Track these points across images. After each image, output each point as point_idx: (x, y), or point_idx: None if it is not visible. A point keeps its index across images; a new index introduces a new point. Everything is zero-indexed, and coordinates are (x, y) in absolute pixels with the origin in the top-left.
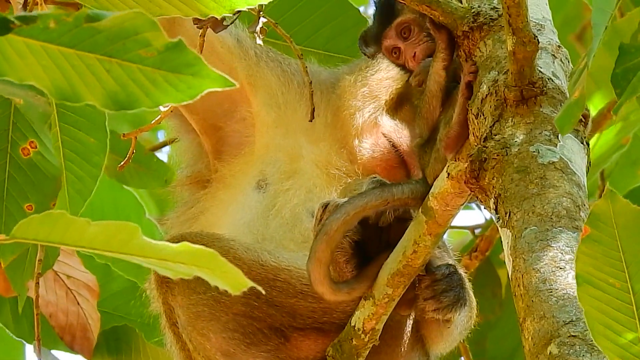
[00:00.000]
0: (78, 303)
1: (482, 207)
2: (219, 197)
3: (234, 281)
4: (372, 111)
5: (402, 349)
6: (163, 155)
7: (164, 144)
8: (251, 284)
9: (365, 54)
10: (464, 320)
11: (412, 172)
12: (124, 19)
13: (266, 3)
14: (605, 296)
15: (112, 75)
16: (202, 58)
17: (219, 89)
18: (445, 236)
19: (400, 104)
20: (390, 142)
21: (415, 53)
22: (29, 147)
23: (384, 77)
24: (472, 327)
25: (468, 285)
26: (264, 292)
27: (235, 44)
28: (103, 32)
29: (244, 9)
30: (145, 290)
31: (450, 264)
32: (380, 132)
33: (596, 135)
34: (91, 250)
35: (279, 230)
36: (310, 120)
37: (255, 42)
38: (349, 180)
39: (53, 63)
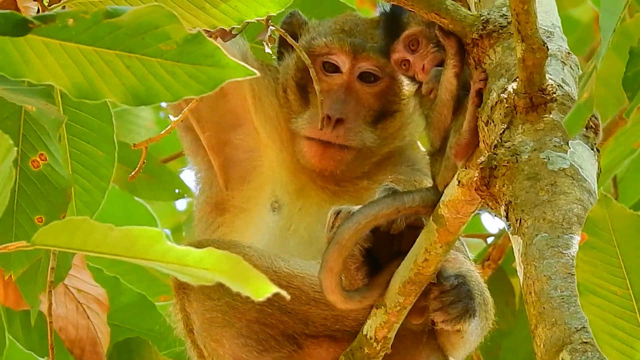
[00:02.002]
0: (88, 317)
1: (493, 214)
2: (237, 222)
3: (257, 287)
4: (288, 120)
5: (416, 358)
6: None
7: (176, 156)
8: (275, 289)
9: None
10: (477, 328)
11: (342, 148)
12: (143, 13)
13: (275, 13)
14: (608, 304)
15: (132, 71)
16: (221, 48)
17: (240, 79)
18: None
19: (304, 95)
20: (310, 138)
21: (424, 65)
22: (38, 159)
23: (285, 82)
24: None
25: (483, 292)
26: (288, 297)
27: (240, 56)
28: (122, 28)
29: (253, 20)
30: (154, 303)
31: (460, 275)
32: (302, 136)
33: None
34: (113, 256)
35: (298, 248)
36: (320, 129)
37: (253, 54)
38: (347, 190)
39: (72, 61)
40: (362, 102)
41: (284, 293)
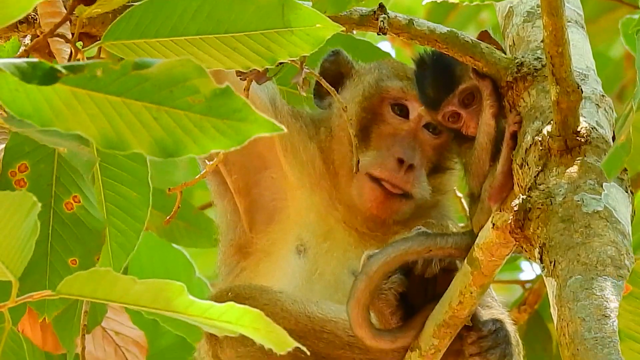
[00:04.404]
0: (127, 359)
1: (528, 257)
2: (261, 266)
3: (279, 340)
4: (348, 155)
5: None
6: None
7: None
8: (295, 344)
9: (320, 107)
10: None
11: (403, 198)
12: (172, 65)
13: (308, 54)
14: None
15: (160, 123)
16: (249, 103)
17: (267, 134)
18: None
19: (367, 134)
20: (372, 177)
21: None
22: (72, 201)
23: (342, 120)
24: None
25: (516, 338)
26: (308, 353)
27: (269, 101)
28: (150, 80)
29: (287, 60)
30: (194, 346)
31: (497, 320)
32: (364, 174)
33: None
34: (137, 307)
35: (324, 292)
36: (355, 172)
37: (284, 100)
38: (377, 234)
39: (100, 111)
40: (424, 152)
41: (304, 349)
